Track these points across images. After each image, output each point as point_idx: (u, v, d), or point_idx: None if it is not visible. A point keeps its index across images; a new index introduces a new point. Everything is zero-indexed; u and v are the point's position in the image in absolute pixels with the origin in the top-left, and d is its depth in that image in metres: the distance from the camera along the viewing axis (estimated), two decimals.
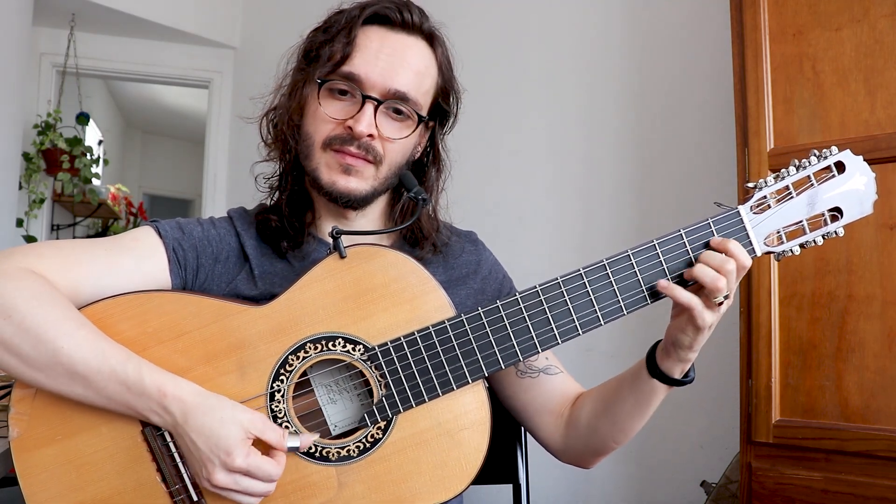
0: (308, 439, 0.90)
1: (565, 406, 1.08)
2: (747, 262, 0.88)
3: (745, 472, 1.65)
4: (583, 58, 2.61)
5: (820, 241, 0.91)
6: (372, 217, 1.13)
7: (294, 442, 0.88)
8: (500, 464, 1.35)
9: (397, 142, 1.04)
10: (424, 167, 1.16)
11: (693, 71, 2.37)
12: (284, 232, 1.07)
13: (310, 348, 0.91)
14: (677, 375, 0.95)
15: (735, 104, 1.74)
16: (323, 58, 1.03)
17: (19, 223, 3.45)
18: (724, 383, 2.09)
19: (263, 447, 0.87)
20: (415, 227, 1.12)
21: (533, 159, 2.67)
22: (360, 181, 1.04)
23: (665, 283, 0.89)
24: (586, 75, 2.59)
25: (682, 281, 0.90)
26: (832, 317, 1.56)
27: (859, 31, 1.57)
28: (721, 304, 0.87)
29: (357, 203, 1.06)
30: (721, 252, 0.88)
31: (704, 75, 2.33)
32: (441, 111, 1.12)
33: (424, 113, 1.07)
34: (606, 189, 2.51)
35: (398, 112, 1.04)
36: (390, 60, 1.02)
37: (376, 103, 1.01)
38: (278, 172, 1.13)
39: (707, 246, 0.89)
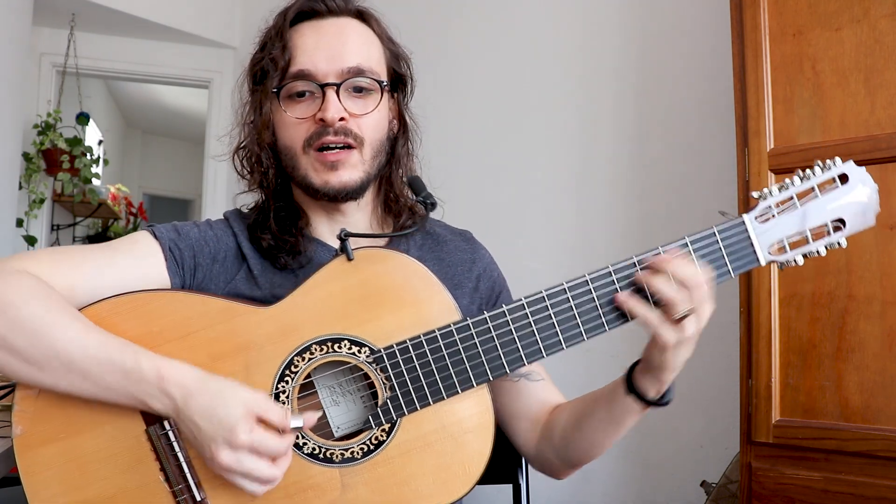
0: (312, 418, 0.88)
1: (543, 414, 1.08)
2: (699, 279, 0.85)
3: (745, 472, 1.66)
4: (582, 58, 2.61)
5: (823, 251, 0.92)
6: (366, 210, 1.13)
7: (297, 421, 0.85)
8: (500, 464, 1.35)
9: (369, 116, 1.05)
10: (395, 138, 1.15)
11: (693, 71, 2.37)
12: (279, 248, 1.06)
13: (315, 350, 0.91)
14: (652, 395, 0.94)
15: (735, 104, 1.74)
16: (270, 72, 1.05)
17: (19, 223, 3.45)
18: (724, 383, 2.09)
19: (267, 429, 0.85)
20: (390, 198, 1.13)
21: (532, 160, 2.67)
22: (350, 171, 1.04)
23: (623, 297, 0.88)
24: (586, 75, 2.59)
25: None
26: (832, 317, 1.56)
27: (859, 31, 1.57)
28: (681, 320, 0.85)
29: (355, 193, 1.06)
30: (679, 269, 0.86)
31: (704, 75, 2.33)
32: (398, 79, 1.13)
33: (384, 80, 1.08)
34: (606, 189, 2.51)
35: (359, 90, 1.05)
36: (332, 43, 1.04)
37: (335, 87, 1.02)
38: (262, 199, 1.12)
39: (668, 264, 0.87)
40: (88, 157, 3.72)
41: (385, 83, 1.07)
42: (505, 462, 1.36)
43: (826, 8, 1.61)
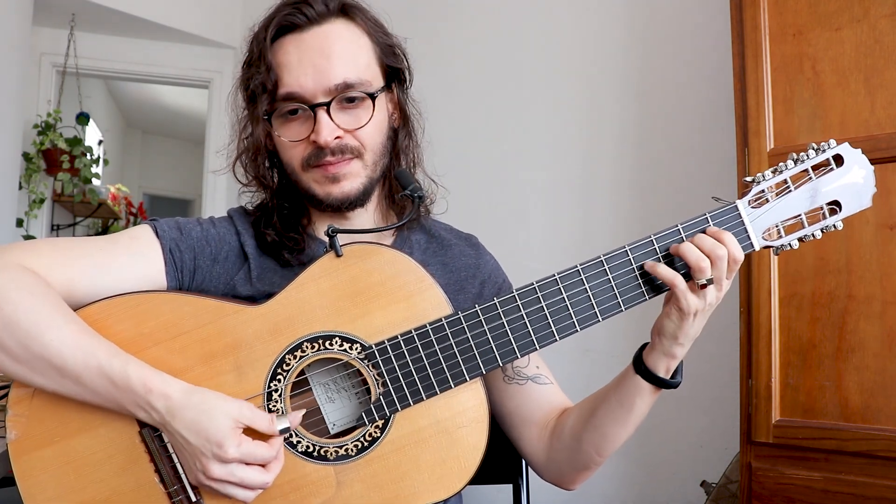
0: (296, 417, 0.89)
1: (551, 418, 1.06)
2: (739, 254, 0.88)
3: (745, 472, 1.65)
4: (583, 57, 2.61)
5: (819, 234, 0.91)
6: (370, 208, 1.12)
7: (283, 423, 0.87)
8: (500, 464, 1.35)
9: (366, 127, 1.03)
10: (396, 131, 1.13)
11: (693, 71, 2.37)
12: (282, 245, 1.06)
13: (307, 347, 0.91)
14: (662, 373, 0.93)
15: (735, 104, 1.74)
16: (258, 93, 1.02)
17: (19, 223, 3.45)
18: (724, 383, 2.09)
19: (255, 436, 0.86)
20: (394, 189, 1.12)
21: (533, 159, 2.67)
22: (352, 181, 1.04)
23: (651, 263, 0.89)
24: (587, 75, 2.59)
25: (672, 263, 0.90)
26: (832, 317, 1.56)
27: (859, 31, 1.56)
28: (705, 286, 0.87)
29: (359, 201, 1.06)
30: (714, 238, 0.88)
31: (704, 75, 2.32)
32: (394, 71, 1.10)
33: (377, 86, 1.05)
34: (607, 189, 2.50)
35: (351, 100, 1.02)
36: (317, 61, 1.00)
37: (326, 106, 1.00)
38: (266, 198, 1.11)
39: (703, 233, 0.89)
40: (88, 157, 3.72)
41: (376, 93, 1.04)
42: (505, 462, 1.35)
43: (826, 8, 1.61)
